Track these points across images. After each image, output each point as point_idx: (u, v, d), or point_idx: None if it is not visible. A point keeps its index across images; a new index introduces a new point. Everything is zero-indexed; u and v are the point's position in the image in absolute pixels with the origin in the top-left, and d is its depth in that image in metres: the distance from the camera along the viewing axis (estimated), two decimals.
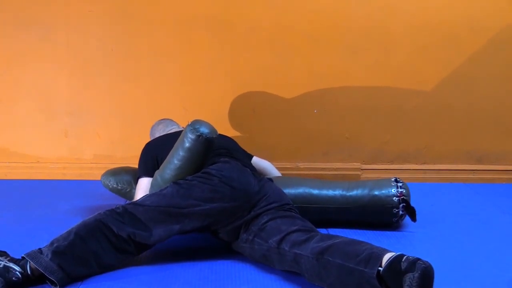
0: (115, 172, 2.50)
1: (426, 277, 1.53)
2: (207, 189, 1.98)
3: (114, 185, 2.45)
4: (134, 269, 1.96)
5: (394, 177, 2.42)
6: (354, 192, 2.35)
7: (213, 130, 2.09)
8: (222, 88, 3.06)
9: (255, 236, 1.96)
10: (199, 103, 3.07)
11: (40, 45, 3.00)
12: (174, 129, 2.55)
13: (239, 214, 2.00)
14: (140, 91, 3.07)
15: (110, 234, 1.88)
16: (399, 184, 2.35)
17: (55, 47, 3.00)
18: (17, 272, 1.74)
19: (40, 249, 1.82)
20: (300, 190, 2.36)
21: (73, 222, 2.43)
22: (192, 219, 1.97)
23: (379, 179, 2.46)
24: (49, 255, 1.78)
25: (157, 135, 2.54)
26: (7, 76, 3.04)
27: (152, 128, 2.65)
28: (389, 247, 2.19)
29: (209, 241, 2.18)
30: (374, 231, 2.35)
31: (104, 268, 1.88)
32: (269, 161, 2.68)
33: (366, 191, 2.35)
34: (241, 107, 3.08)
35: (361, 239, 2.25)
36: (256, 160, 2.53)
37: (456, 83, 3.12)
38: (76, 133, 3.10)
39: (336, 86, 3.09)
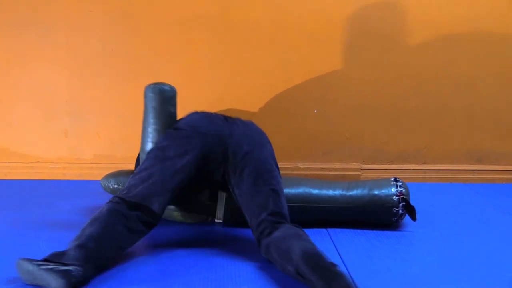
0: (114, 175, 2.53)
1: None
2: (179, 144, 2.02)
3: (115, 185, 2.46)
4: (134, 269, 1.96)
5: (394, 177, 2.43)
6: (354, 192, 2.36)
7: (165, 84, 2.30)
8: (222, 88, 3.07)
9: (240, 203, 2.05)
10: (199, 103, 3.06)
11: (40, 45, 3.00)
12: None
13: (214, 158, 2.04)
14: (140, 91, 3.06)
15: (121, 218, 1.90)
16: (399, 184, 2.36)
17: (55, 47, 3.01)
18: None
19: (62, 251, 1.81)
20: (300, 189, 2.36)
21: (73, 222, 2.43)
22: (176, 178, 2.00)
23: (378, 179, 2.47)
24: (73, 250, 1.77)
25: None
26: (7, 76, 3.04)
27: None
28: (389, 247, 2.20)
29: (209, 240, 2.18)
30: (374, 231, 2.35)
31: (124, 249, 1.93)
32: None
33: (366, 191, 2.35)
34: (241, 107, 3.08)
35: (361, 239, 2.27)
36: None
37: (456, 83, 3.12)
38: (76, 133, 3.10)
39: (336, 86, 3.09)
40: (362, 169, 3.17)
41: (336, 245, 2.20)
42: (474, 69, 3.10)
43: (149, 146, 2.23)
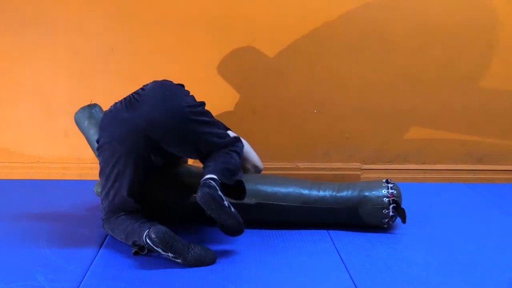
0: None
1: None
2: (108, 159, 2.17)
3: None
4: (134, 269, 1.96)
5: (386, 179, 2.41)
6: (344, 193, 2.34)
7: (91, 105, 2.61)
8: (222, 88, 3.06)
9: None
10: None
11: (40, 45, 3.00)
12: None
13: (143, 148, 2.16)
14: None
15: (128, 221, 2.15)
16: (390, 185, 2.33)
17: (55, 47, 3.00)
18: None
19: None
20: (290, 189, 2.34)
21: (73, 222, 2.43)
22: (127, 185, 2.16)
23: (370, 180, 2.46)
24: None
25: None
26: (7, 76, 3.04)
27: None
28: (390, 247, 2.21)
29: (208, 240, 2.18)
30: (375, 231, 2.35)
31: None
32: (269, 161, 2.67)
33: (356, 192, 2.33)
34: (241, 107, 3.08)
35: (360, 240, 2.28)
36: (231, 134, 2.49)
37: (456, 83, 3.12)
38: (76, 133, 3.08)
39: (336, 86, 3.09)
40: (362, 169, 3.17)
41: (336, 246, 2.20)
42: (474, 69, 3.10)
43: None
